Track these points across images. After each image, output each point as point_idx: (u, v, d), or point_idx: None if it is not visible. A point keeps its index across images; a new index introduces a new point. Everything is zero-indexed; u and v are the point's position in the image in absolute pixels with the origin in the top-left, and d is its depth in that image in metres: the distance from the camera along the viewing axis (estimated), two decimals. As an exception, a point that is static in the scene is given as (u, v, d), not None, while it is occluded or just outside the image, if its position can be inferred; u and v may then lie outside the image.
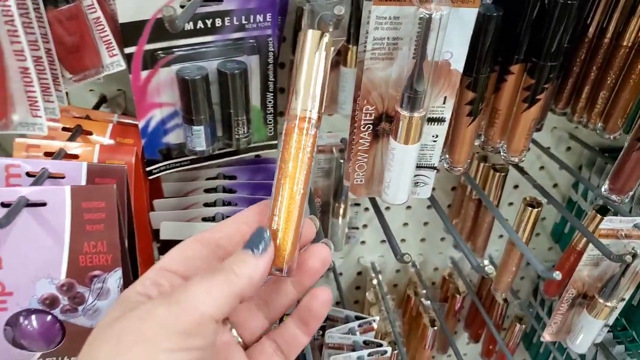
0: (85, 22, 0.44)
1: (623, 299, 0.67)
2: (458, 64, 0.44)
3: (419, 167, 0.51)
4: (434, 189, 0.90)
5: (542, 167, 0.91)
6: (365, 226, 0.95)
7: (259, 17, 0.53)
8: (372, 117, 0.47)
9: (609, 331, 0.82)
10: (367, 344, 0.74)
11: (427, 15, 0.39)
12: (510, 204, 0.94)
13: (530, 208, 0.66)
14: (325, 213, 0.89)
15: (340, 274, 1.01)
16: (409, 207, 0.93)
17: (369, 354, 0.71)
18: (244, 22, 0.53)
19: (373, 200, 0.59)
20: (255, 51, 0.55)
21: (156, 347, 0.27)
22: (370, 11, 0.40)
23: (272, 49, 0.55)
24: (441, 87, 0.45)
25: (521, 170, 0.70)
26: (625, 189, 0.53)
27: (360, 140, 0.49)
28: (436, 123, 0.48)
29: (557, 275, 0.48)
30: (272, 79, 0.58)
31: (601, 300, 0.64)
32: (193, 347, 0.28)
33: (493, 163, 0.78)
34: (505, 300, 0.92)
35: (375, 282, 0.95)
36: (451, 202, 0.92)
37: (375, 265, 0.98)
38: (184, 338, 0.27)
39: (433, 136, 0.49)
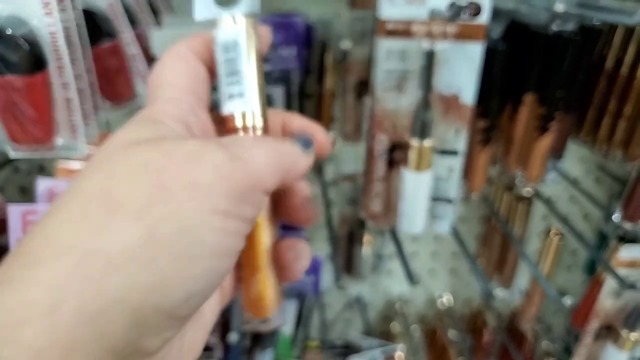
0: (124, 58, 0.48)
1: (650, 332, 0.66)
2: (467, 98, 0.46)
3: (435, 199, 0.53)
4: (463, 219, 0.91)
5: (571, 197, 0.91)
6: (392, 255, 0.96)
7: (284, 51, 0.57)
8: (386, 146, 0.50)
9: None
10: (389, 371, 0.75)
11: (430, 49, 0.41)
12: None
13: (551, 237, 0.67)
14: (351, 242, 0.91)
15: (368, 303, 1.02)
16: (437, 237, 0.94)
17: (390, 381, 0.72)
18: (268, 55, 0.57)
19: (392, 229, 0.60)
20: (279, 82, 0.59)
21: (209, 201, 0.20)
22: (379, 45, 0.44)
23: (297, 81, 0.59)
24: (452, 119, 0.47)
25: (544, 200, 0.71)
26: (636, 216, 0.53)
27: (376, 169, 0.51)
28: (449, 155, 0.50)
29: (566, 300, 0.49)
30: (297, 109, 0.62)
31: (625, 332, 0.63)
32: (242, 217, 0.22)
33: (517, 193, 0.79)
34: (536, 334, 0.91)
35: (402, 312, 0.96)
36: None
37: (403, 295, 0.99)
38: (237, 202, 0.21)
39: (448, 168, 0.51)
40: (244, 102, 0.25)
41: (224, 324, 0.70)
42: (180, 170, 0.20)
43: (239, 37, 0.25)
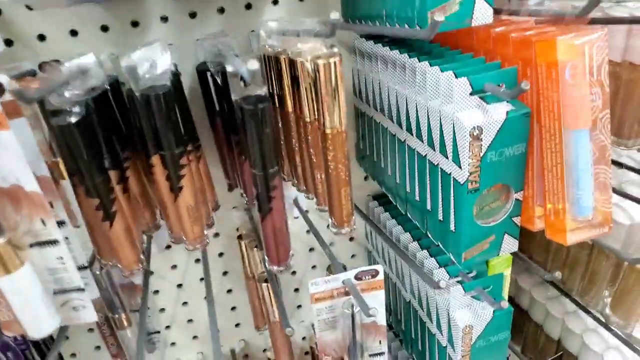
0: None
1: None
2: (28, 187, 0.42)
3: (64, 291, 0.48)
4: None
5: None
6: (168, 327, 0.90)
7: None
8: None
9: None
10: None
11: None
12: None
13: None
14: (112, 327, 0.84)
15: (162, 381, 0.94)
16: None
17: None
18: None
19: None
20: None
21: None
22: None
23: None
24: (29, 210, 0.43)
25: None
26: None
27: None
28: (51, 245, 0.45)
29: None
30: None
31: None
32: None
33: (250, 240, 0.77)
34: None
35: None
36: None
37: (195, 363, 0.93)
38: None
39: (58, 259, 0.46)
40: None
41: None
42: None
43: None
